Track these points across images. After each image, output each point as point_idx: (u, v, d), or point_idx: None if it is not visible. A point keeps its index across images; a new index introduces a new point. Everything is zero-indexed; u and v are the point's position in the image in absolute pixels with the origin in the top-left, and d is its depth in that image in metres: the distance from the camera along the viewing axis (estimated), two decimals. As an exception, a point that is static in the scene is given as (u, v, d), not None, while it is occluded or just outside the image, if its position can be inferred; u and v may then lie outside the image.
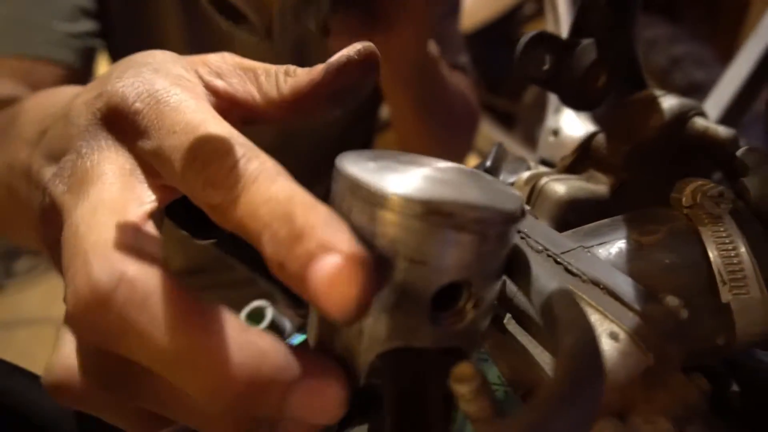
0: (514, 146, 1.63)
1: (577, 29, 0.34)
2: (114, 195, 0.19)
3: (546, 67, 0.34)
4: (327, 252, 0.15)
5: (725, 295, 0.21)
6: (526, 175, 0.35)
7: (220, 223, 0.18)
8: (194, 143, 0.18)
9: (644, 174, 0.32)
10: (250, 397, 0.15)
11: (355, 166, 0.18)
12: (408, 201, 0.16)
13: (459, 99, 0.74)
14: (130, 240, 0.17)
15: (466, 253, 0.17)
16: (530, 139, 1.63)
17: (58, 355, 0.19)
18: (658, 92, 0.33)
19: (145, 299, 0.15)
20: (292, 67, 0.24)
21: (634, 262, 0.23)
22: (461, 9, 0.80)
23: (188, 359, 0.15)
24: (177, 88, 0.20)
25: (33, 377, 0.32)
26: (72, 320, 0.16)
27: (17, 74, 0.53)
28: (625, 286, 0.21)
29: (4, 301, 1.85)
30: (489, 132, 1.74)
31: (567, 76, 0.34)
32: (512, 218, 0.17)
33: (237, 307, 0.28)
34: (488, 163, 0.37)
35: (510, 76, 1.83)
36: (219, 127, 0.19)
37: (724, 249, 0.21)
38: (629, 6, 0.35)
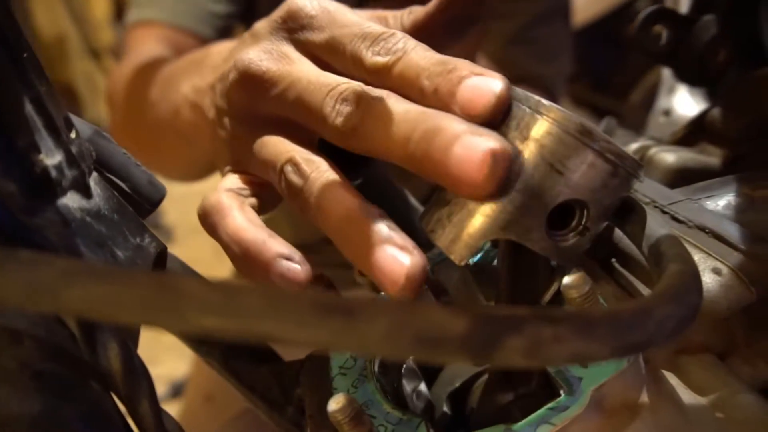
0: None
1: (699, 5, 0.35)
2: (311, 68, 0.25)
3: (663, 42, 0.35)
4: (475, 74, 0.20)
5: (836, 245, 0.22)
6: (635, 145, 0.36)
7: (379, 82, 0.23)
8: (363, 29, 0.24)
9: (759, 148, 0.33)
10: None
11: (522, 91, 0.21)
12: (569, 118, 0.19)
13: None
14: None
15: (595, 178, 0.20)
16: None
17: (218, 188, 0.27)
18: (781, 68, 0.33)
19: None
20: (415, 7, 0.28)
21: (743, 213, 0.24)
22: (563, 16, 0.72)
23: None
24: (341, 6, 0.26)
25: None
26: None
27: (166, 39, 0.62)
28: (731, 230, 0.22)
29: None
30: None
31: (685, 51, 0.35)
32: (639, 166, 0.20)
33: (343, 286, 0.32)
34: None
35: (617, 74, 1.76)
36: (378, 24, 0.25)
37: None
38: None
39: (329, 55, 0.26)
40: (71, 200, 0.19)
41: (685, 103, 0.43)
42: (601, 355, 0.13)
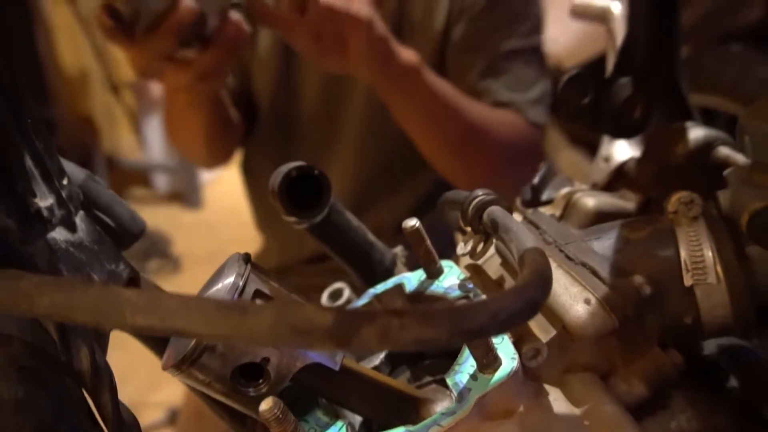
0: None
1: (617, 68, 0.40)
2: None
3: (586, 101, 0.40)
4: None
5: (687, 280, 0.26)
6: (565, 190, 0.41)
7: None
8: None
9: (665, 194, 0.37)
10: None
11: None
12: None
13: (482, 124, 0.71)
14: None
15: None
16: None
17: None
18: (689, 123, 0.38)
19: None
20: None
21: (619, 252, 0.28)
22: (535, 54, 0.78)
23: None
24: None
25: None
26: None
27: None
28: (604, 266, 0.27)
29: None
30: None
31: (605, 108, 0.40)
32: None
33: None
34: (535, 181, 0.43)
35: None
36: None
37: (691, 243, 0.26)
38: (670, 45, 0.40)
39: None
40: (59, 234, 0.24)
41: (622, 150, 0.48)
42: (440, 339, 0.16)
